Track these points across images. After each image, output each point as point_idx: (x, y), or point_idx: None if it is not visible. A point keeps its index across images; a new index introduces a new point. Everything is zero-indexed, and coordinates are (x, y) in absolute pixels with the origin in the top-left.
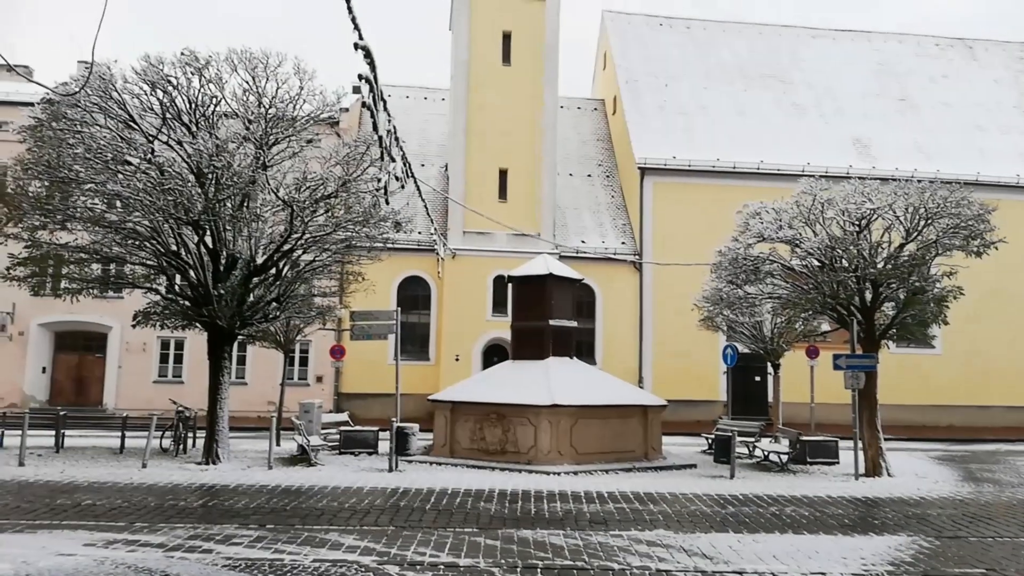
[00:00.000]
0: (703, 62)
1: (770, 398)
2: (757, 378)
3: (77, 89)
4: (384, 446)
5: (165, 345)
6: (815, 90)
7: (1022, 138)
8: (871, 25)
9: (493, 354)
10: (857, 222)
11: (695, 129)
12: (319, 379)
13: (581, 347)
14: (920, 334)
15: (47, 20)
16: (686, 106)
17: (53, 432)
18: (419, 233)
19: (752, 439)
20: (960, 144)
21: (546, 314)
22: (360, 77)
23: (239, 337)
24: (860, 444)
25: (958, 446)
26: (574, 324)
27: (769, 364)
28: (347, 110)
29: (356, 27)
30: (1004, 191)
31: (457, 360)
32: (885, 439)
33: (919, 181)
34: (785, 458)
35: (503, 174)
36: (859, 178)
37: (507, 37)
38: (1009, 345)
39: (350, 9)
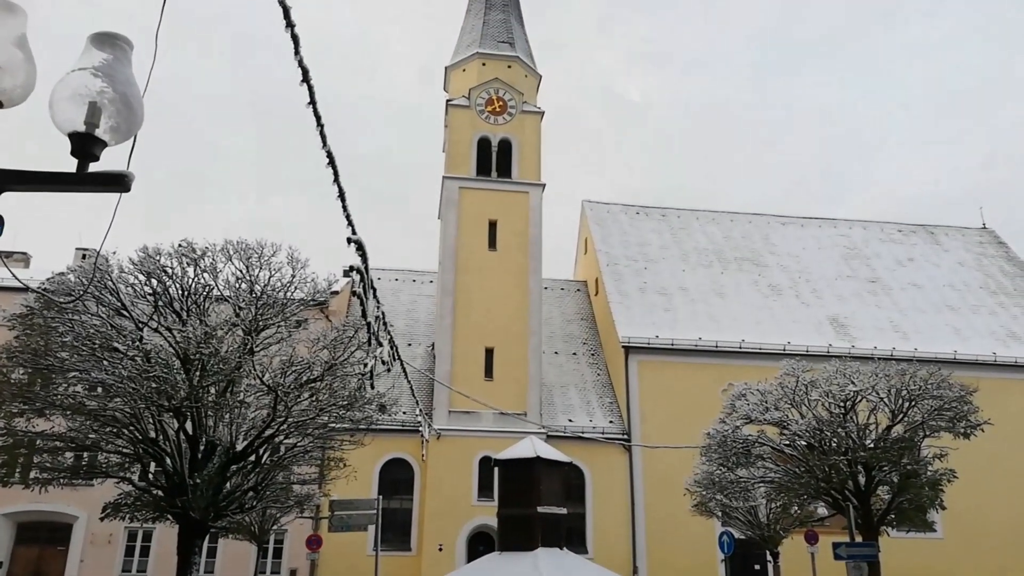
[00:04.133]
0: (680, 246)
1: None
2: (757, 567)
3: (75, 294)
4: None
5: (132, 536)
6: (789, 272)
7: (993, 318)
8: (834, 213)
9: (479, 542)
10: (842, 403)
11: (676, 309)
12: (293, 573)
13: (571, 534)
14: (919, 520)
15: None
16: (666, 287)
17: None
18: (404, 413)
19: None
20: (934, 324)
21: (534, 501)
22: (351, 268)
23: (212, 530)
24: None
25: None
26: (563, 511)
27: (767, 552)
28: (337, 293)
29: (349, 222)
30: (983, 369)
31: (440, 550)
32: None
33: (898, 362)
34: None
35: (489, 353)
36: (839, 358)
37: (493, 224)
38: (1013, 527)
39: (344, 207)
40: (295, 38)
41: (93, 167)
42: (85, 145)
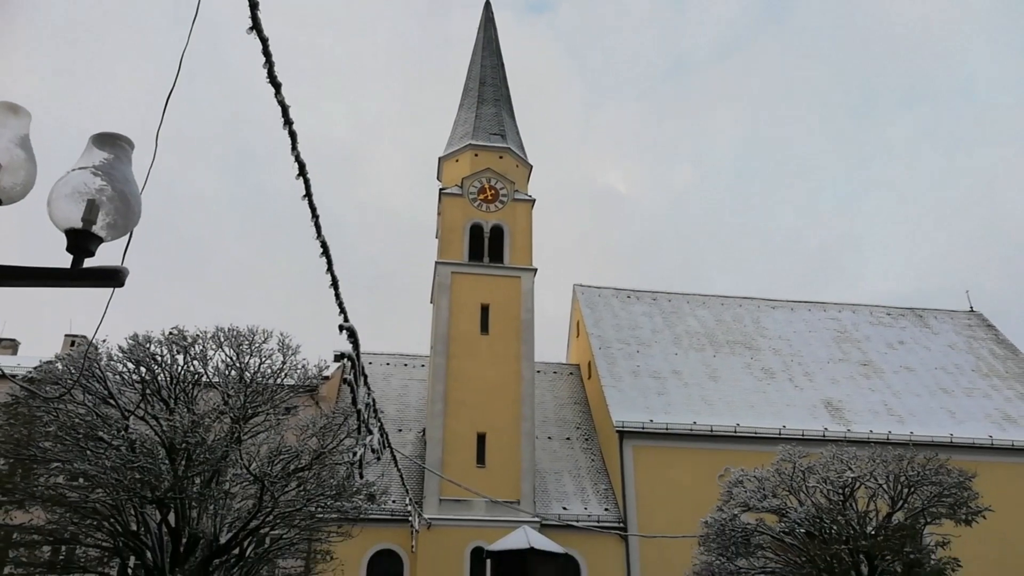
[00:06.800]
0: (671, 330)
1: None
2: None
3: (62, 383)
4: None
5: None
6: (781, 356)
7: (987, 400)
8: (823, 297)
9: None
10: (840, 490)
11: (670, 393)
12: None
13: None
14: None
15: (40, 298)
16: (659, 371)
17: None
18: (394, 502)
19: None
20: (929, 407)
21: None
22: (343, 355)
23: None
24: None
25: None
26: None
27: None
28: (327, 378)
29: (342, 309)
30: (980, 453)
31: None
32: None
33: (895, 446)
34: None
35: (481, 439)
36: (835, 442)
37: (485, 309)
38: None
39: (337, 295)
40: (293, 135)
41: (88, 262)
42: (81, 241)
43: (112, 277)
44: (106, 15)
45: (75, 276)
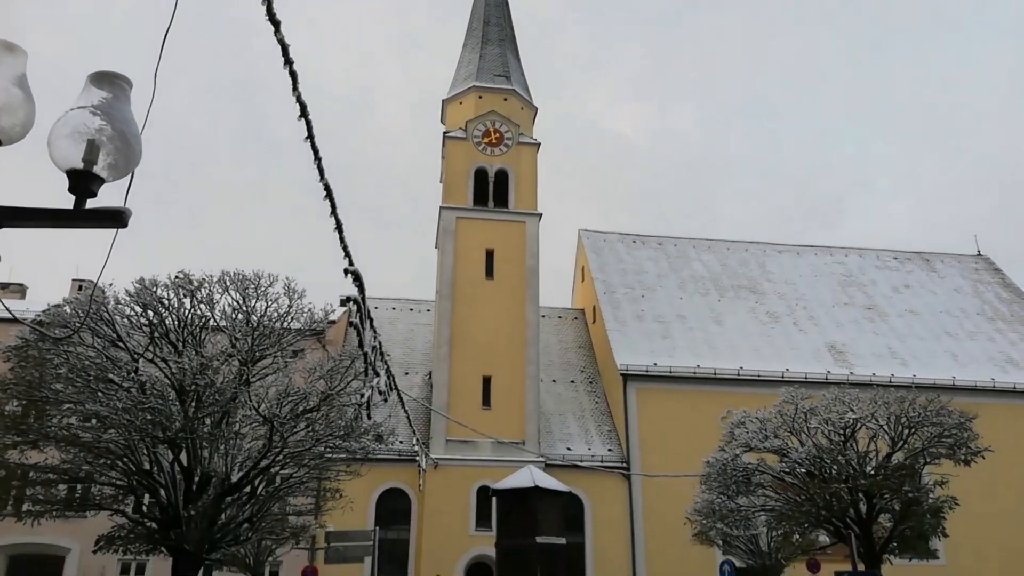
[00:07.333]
0: (677, 274)
1: None
2: None
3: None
4: None
5: (126, 569)
6: (787, 300)
7: (991, 344)
8: (829, 240)
9: (477, 573)
10: (842, 431)
11: (674, 337)
12: None
13: (571, 565)
14: (921, 547)
15: (47, 244)
16: (664, 315)
17: None
18: (401, 443)
19: None
20: (932, 350)
21: (533, 531)
22: (348, 299)
23: (206, 562)
24: None
25: None
26: (563, 541)
27: None
28: (334, 322)
29: (347, 253)
30: (982, 395)
31: None
32: None
33: (897, 388)
34: None
35: (487, 382)
36: (837, 385)
37: (490, 254)
38: (1014, 553)
39: (342, 238)
40: (294, 75)
41: (91, 203)
42: (83, 182)
43: (115, 218)
44: None
45: (78, 217)
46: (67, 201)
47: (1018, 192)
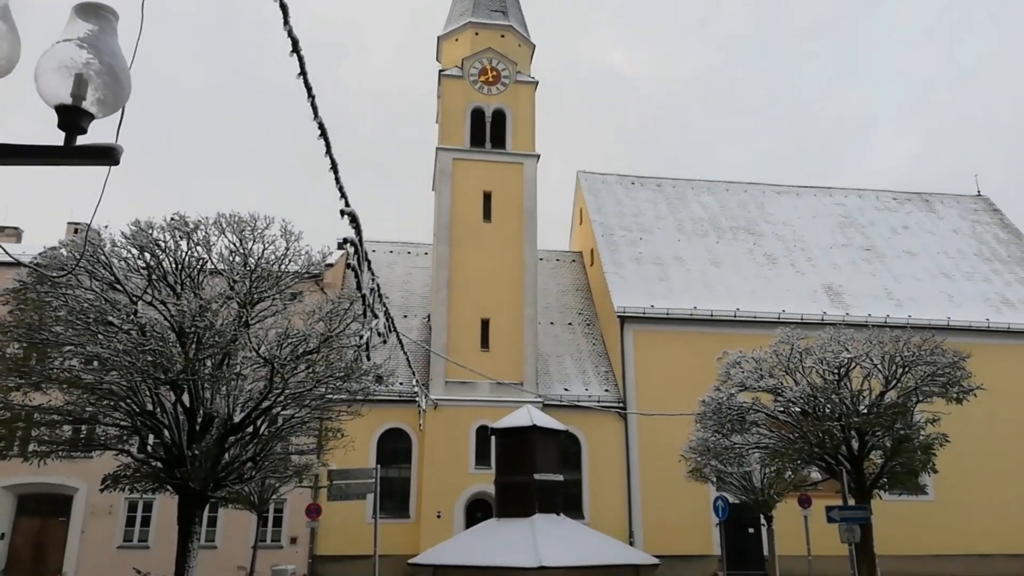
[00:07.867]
0: (675, 216)
1: (766, 551)
2: (751, 530)
3: (67, 268)
4: None
5: (133, 507)
6: (784, 241)
7: (987, 284)
8: (829, 181)
9: (477, 509)
10: (836, 370)
11: (671, 279)
12: (293, 540)
13: (568, 501)
14: (911, 483)
15: (41, 187)
16: (662, 257)
17: None
18: (400, 384)
19: None
20: (928, 291)
21: (531, 468)
22: (345, 240)
23: (211, 500)
24: None
25: None
26: (560, 478)
27: (761, 516)
28: (332, 265)
29: (343, 194)
30: (976, 335)
31: (439, 517)
32: None
33: (892, 329)
34: None
35: (485, 324)
36: (833, 325)
37: (487, 196)
38: (1003, 490)
39: (337, 179)
40: (284, 7)
41: (81, 140)
42: (72, 117)
43: (106, 155)
44: None
45: (68, 154)
46: (57, 138)
47: (1021, 133)
